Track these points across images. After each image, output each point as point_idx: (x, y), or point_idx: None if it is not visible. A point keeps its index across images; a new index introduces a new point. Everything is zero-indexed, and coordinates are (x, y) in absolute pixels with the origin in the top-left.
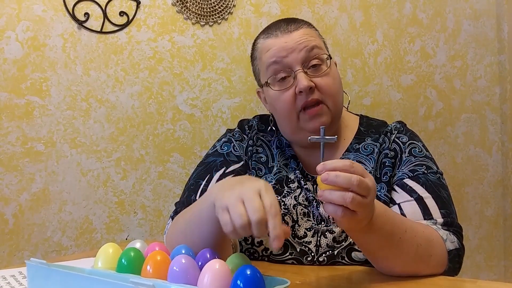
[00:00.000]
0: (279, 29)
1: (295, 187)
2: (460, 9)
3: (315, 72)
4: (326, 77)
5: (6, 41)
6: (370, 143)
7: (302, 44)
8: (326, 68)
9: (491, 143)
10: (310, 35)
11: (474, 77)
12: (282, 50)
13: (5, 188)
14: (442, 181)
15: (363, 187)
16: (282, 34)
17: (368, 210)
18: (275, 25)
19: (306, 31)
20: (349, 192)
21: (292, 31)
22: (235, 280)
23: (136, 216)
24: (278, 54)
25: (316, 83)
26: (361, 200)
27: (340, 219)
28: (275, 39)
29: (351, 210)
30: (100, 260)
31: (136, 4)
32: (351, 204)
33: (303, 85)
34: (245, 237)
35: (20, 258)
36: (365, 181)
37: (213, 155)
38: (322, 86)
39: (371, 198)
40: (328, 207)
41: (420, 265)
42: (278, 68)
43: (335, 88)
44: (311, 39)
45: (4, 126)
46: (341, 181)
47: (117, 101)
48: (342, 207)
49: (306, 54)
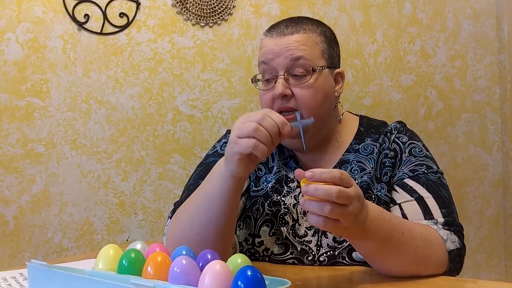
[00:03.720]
0: (276, 30)
1: (294, 187)
2: (460, 9)
3: (296, 81)
4: (306, 88)
5: (6, 42)
6: (370, 143)
7: (289, 51)
8: (309, 79)
9: (491, 143)
10: (303, 42)
11: (474, 77)
12: (270, 52)
13: (5, 189)
14: (442, 180)
15: (343, 197)
16: (276, 36)
17: (353, 217)
18: (277, 24)
19: (301, 38)
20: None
21: (286, 34)
22: (235, 281)
23: (137, 217)
24: (266, 55)
25: (294, 92)
26: (341, 210)
27: (324, 228)
28: (269, 40)
29: (333, 220)
30: (100, 262)
31: (136, 5)
32: (330, 214)
33: (277, 92)
34: (246, 238)
35: (21, 259)
36: (345, 191)
37: (213, 156)
38: (300, 97)
39: (354, 206)
40: (310, 217)
41: (420, 266)
42: (265, 68)
43: (315, 100)
44: (301, 47)
45: (5, 127)
46: (320, 194)
47: (117, 102)
48: (323, 217)
49: (290, 62)
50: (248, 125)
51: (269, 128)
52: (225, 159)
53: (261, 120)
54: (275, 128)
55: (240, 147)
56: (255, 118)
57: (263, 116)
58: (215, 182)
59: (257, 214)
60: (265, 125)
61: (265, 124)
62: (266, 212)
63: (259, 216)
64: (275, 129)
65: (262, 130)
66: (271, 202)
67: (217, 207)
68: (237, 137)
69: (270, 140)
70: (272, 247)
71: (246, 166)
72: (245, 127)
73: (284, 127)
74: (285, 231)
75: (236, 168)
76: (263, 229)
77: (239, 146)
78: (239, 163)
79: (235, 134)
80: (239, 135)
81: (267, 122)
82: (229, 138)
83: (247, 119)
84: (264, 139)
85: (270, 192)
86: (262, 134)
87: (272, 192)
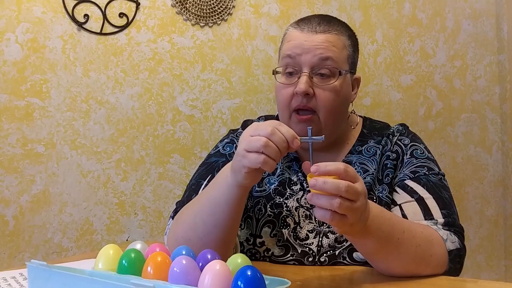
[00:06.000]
0: (308, 25)
1: (297, 189)
2: (459, 9)
3: (320, 81)
4: (329, 90)
5: (6, 43)
6: (373, 145)
7: (319, 50)
8: (333, 82)
9: (491, 142)
10: (334, 44)
11: (474, 77)
12: (299, 47)
13: (5, 189)
14: (443, 182)
15: (351, 192)
16: (307, 31)
17: (359, 213)
18: (308, 19)
19: (332, 39)
20: (337, 197)
21: (318, 32)
22: (235, 281)
23: (137, 217)
24: (294, 49)
25: (316, 93)
26: (350, 205)
27: (330, 223)
28: (299, 34)
29: (341, 214)
30: (100, 262)
31: (135, 5)
32: (339, 209)
33: (300, 89)
34: (247, 238)
35: (21, 259)
36: (354, 186)
37: (215, 156)
38: (322, 98)
39: (361, 202)
40: (317, 211)
41: (420, 266)
42: (289, 62)
43: (334, 104)
44: (331, 48)
45: (4, 128)
46: (329, 188)
47: (117, 102)
48: (331, 211)
49: (318, 61)
50: (257, 140)
51: (279, 143)
52: (231, 170)
53: (270, 135)
54: (284, 143)
55: (249, 162)
56: (265, 132)
57: (272, 131)
58: (220, 189)
59: (259, 215)
60: (275, 140)
61: (274, 139)
62: (268, 213)
63: (261, 217)
64: (284, 144)
65: (272, 146)
66: (274, 204)
67: (222, 214)
68: (245, 150)
69: (279, 155)
70: (273, 248)
71: (253, 177)
72: (254, 142)
73: (293, 141)
74: (286, 233)
75: (243, 179)
76: (265, 230)
77: (248, 161)
78: (246, 176)
79: (244, 147)
80: (248, 149)
81: (277, 137)
82: (237, 150)
83: (256, 132)
84: (273, 155)
85: (273, 194)
86: (271, 150)
87: (274, 194)
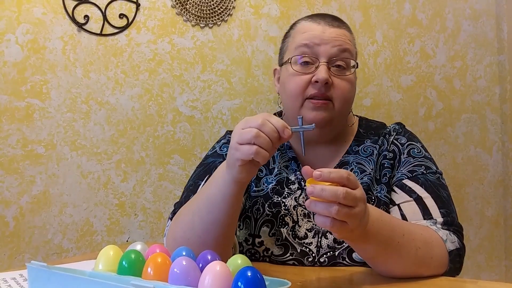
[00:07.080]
0: (324, 20)
1: (295, 189)
2: (459, 10)
3: (337, 72)
4: (345, 81)
5: (6, 44)
6: (370, 145)
7: (338, 41)
8: (349, 74)
9: (491, 143)
10: (349, 38)
11: (474, 77)
12: (317, 37)
13: (5, 190)
14: (441, 181)
15: (350, 199)
16: (324, 24)
17: (358, 219)
18: (321, 15)
19: (347, 34)
20: (335, 204)
21: (335, 26)
22: (236, 282)
23: (137, 218)
24: (313, 39)
25: (334, 82)
26: (348, 211)
27: (330, 229)
28: (316, 26)
29: (340, 221)
30: (101, 263)
31: (135, 6)
32: (337, 215)
33: (322, 76)
34: (246, 238)
35: (21, 260)
36: (352, 192)
37: (212, 156)
38: (339, 88)
39: (360, 208)
40: (317, 218)
41: (421, 268)
42: (306, 51)
43: (349, 95)
44: (347, 41)
45: (5, 128)
46: (327, 195)
47: (117, 103)
48: (330, 218)
49: (337, 52)
50: (249, 131)
51: (270, 134)
52: (226, 165)
53: (261, 126)
54: (275, 133)
55: (241, 154)
56: (255, 123)
57: (262, 122)
58: (217, 186)
59: (257, 214)
60: (265, 131)
61: (265, 130)
62: (267, 212)
63: (259, 217)
64: (275, 134)
65: (262, 136)
66: (272, 203)
67: (219, 211)
68: (237, 143)
69: (270, 145)
70: (272, 248)
71: (248, 171)
72: (246, 134)
73: (284, 131)
74: (284, 232)
75: (238, 173)
76: (263, 229)
77: (240, 153)
78: (241, 169)
79: (236, 141)
80: (240, 142)
81: (267, 128)
82: (230, 144)
83: (247, 125)
84: (265, 145)
85: (271, 193)
86: (262, 140)
87: (272, 194)
